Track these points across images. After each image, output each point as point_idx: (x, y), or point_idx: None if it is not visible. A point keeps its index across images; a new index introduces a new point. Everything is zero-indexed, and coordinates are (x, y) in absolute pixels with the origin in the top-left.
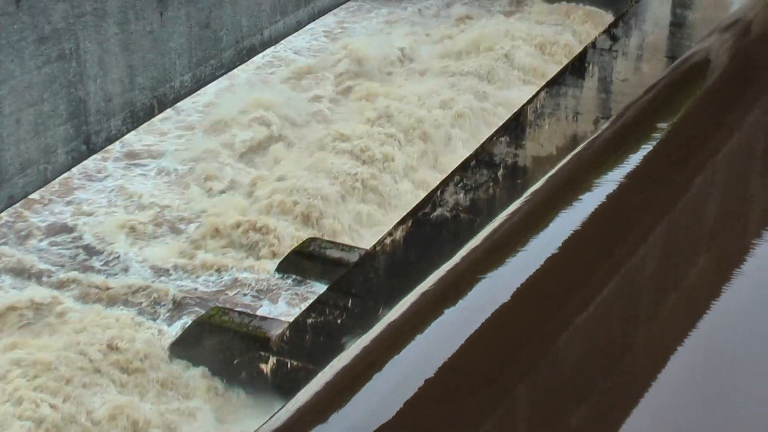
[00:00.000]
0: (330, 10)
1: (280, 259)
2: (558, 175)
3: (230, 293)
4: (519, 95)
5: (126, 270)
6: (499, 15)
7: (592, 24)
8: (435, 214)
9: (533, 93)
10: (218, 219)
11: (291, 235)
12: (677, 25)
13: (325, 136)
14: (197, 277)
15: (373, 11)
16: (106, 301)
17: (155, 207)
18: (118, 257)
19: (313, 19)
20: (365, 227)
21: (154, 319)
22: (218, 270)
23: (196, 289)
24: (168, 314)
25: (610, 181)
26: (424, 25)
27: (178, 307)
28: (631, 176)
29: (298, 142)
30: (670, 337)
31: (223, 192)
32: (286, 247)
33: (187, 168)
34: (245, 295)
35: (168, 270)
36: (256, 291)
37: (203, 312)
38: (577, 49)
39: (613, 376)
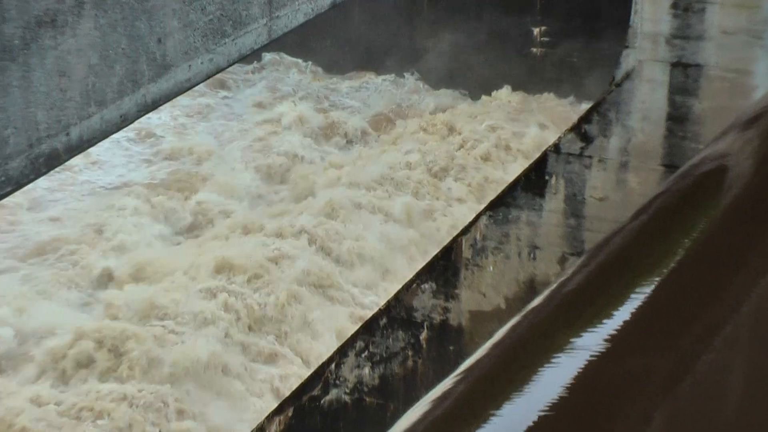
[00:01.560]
0: (168, 100)
1: None
2: (509, 341)
3: None
4: None
5: None
6: None
7: None
8: (328, 398)
9: (470, 218)
10: None
11: None
12: (677, 119)
13: None
14: None
15: None
16: None
17: None
18: None
19: (145, 112)
20: None
21: None
22: None
23: None
24: None
25: (587, 348)
26: None
27: None
28: (617, 340)
29: None
30: None
31: None
32: None
33: None
34: None
35: None
36: None
37: None
38: None
39: None
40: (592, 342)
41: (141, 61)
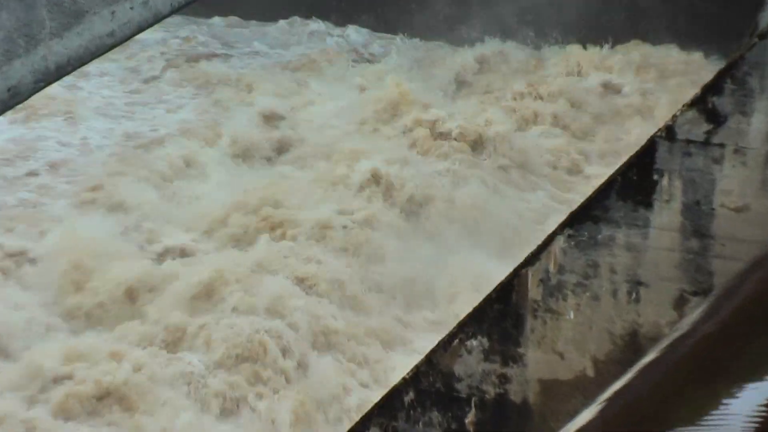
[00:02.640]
0: (82, 64)
1: None
2: (605, 422)
3: None
4: None
5: None
6: None
7: None
8: None
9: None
10: None
11: None
12: None
13: None
14: None
15: None
16: None
17: None
18: None
19: (46, 82)
20: None
21: None
22: None
23: None
24: None
25: (730, 426)
26: None
27: None
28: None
29: None
30: None
31: None
32: None
33: None
34: None
35: None
36: None
37: None
38: None
39: None
40: (737, 418)
41: (39, 5)
